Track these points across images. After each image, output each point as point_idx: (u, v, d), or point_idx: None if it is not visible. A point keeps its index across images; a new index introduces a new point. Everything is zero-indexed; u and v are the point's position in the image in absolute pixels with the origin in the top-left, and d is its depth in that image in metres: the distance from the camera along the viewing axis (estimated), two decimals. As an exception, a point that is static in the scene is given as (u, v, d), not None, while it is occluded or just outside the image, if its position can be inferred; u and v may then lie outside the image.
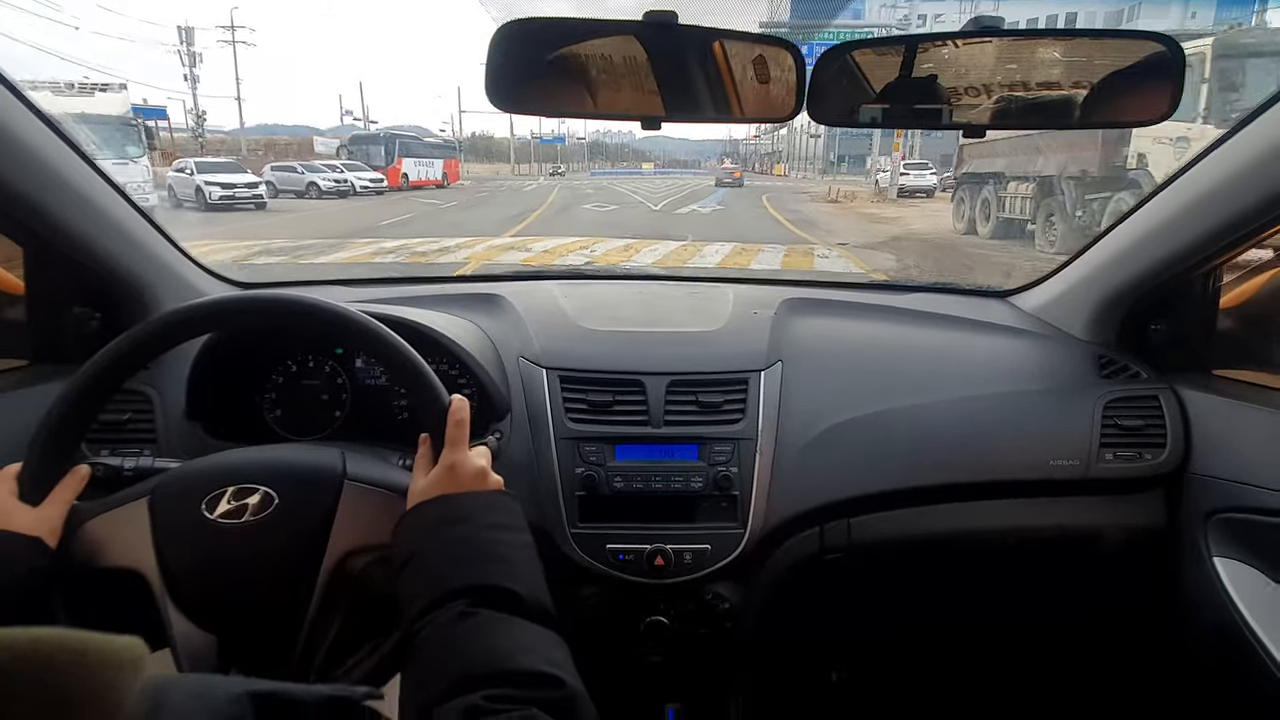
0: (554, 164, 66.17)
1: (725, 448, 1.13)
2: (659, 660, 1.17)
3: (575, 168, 77.16)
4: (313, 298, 0.81)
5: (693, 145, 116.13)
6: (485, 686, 0.55)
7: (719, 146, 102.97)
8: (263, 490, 0.75)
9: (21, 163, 0.99)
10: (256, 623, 0.75)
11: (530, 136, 73.97)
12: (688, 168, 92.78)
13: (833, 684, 1.53)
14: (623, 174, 66.41)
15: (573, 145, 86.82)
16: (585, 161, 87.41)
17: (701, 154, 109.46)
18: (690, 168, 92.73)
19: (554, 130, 74.36)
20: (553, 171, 58.77)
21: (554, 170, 60.41)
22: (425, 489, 0.74)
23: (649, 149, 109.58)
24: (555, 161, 69.40)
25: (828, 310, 1.48)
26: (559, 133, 75.63)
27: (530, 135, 73.55)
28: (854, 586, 1.31)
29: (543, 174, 56.97)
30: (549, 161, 69.66)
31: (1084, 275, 1.38)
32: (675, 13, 0.84)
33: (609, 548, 1.09)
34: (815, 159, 57.01)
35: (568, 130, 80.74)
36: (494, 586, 0.65)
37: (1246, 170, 1.02)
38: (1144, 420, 1.21)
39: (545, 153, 75.01)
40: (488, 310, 1.34)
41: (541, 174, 57.19)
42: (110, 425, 1.10)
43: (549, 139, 73.10)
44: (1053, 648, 1.45)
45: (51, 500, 0.74)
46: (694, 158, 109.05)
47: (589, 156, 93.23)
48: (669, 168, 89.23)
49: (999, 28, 0.89)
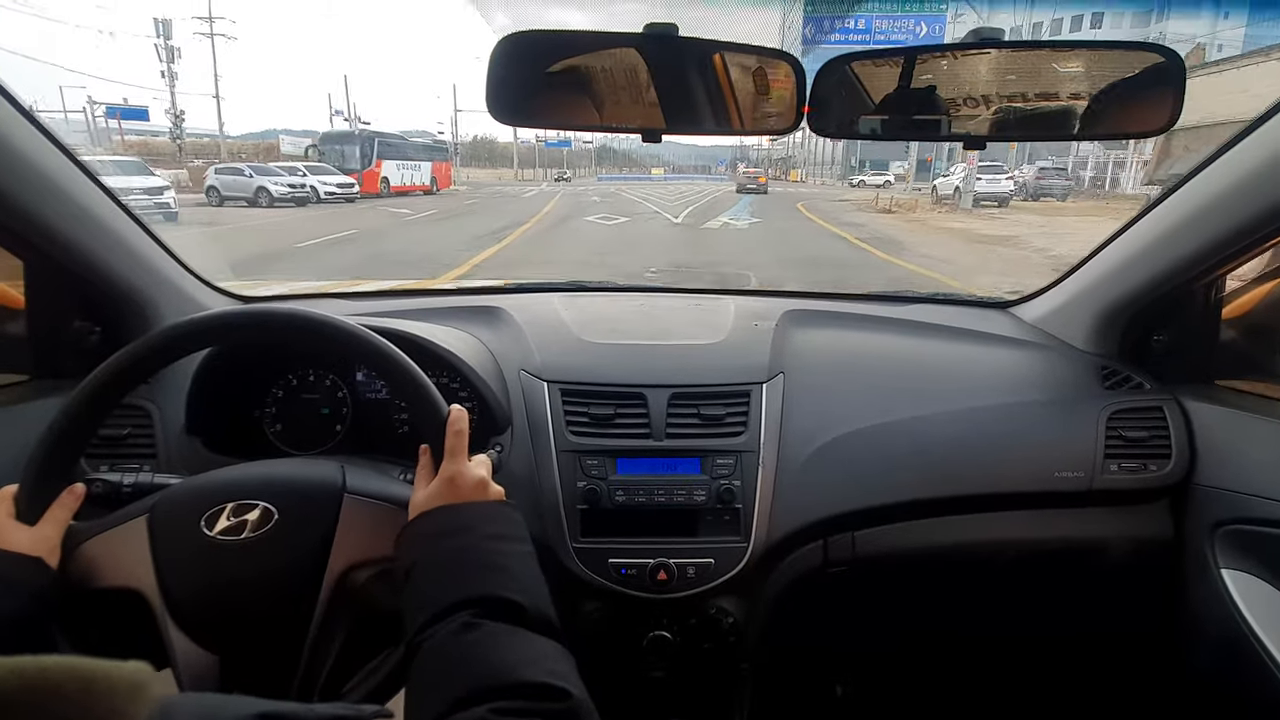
0: (559, 169, 62.87)
1: (728, 460, 1.13)
2: (662, 675, 1.15)
3: (582, 173, 74.11)
4: (313, 312, 0.80)
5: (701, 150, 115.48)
6: (492, 699, 0.54)
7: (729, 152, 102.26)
8: (262, 506, 0.75)
9: (21, 175, 0.99)
10: (258, 640, 0.74)
11: (535, 141, 69.44)
12: (698, 172, 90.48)
13: (837, 698, 1.52)
14: (631, 179, 63.96)
15: (579, 150, 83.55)
16: (592, 167, 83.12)
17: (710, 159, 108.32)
18: (701, 173, 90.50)
19: (559, 135, 71.32)
20: (558, 177, 55.89)
21: (559, 176, 57.35)
22: (426, 500, 0.73)
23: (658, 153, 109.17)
24: (561, 167, 65.94)
25: (829, 322, 1.48)
26: (564, 137, 72.10)
27: (535, 140, 68.24)
28: (858, 600, 1.30)
29: (547, 179, 54.09)
30: (555, 167, 66.20)
31: (1086, 286, 1.38)
32: (675, 25, 0.85)
33: (611, 562, 1.08)
34: (834, 164, 55.83)
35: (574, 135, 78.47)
36: (497, 598, 0.64)
37: (1248, 180, 1.02)
38: (1148, 431, 1.21)
39: (550, 158, 71.76)
40: (488, 323, 1.34)
41: (546, 179, 54.30)
42: (109, 440, 1.09)
43: (554, 144, 68.02)
44: (1058, 660, 1.43)
45: (48, 519, 0.74)
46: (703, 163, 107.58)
47: (596, 162, 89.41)
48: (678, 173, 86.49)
49: (998, 39, 0.89)
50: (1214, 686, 1.20)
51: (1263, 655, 1.04)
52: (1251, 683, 1.06)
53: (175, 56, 31.17)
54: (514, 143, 69.54)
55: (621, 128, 0.93)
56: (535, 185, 42.78)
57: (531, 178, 58.20)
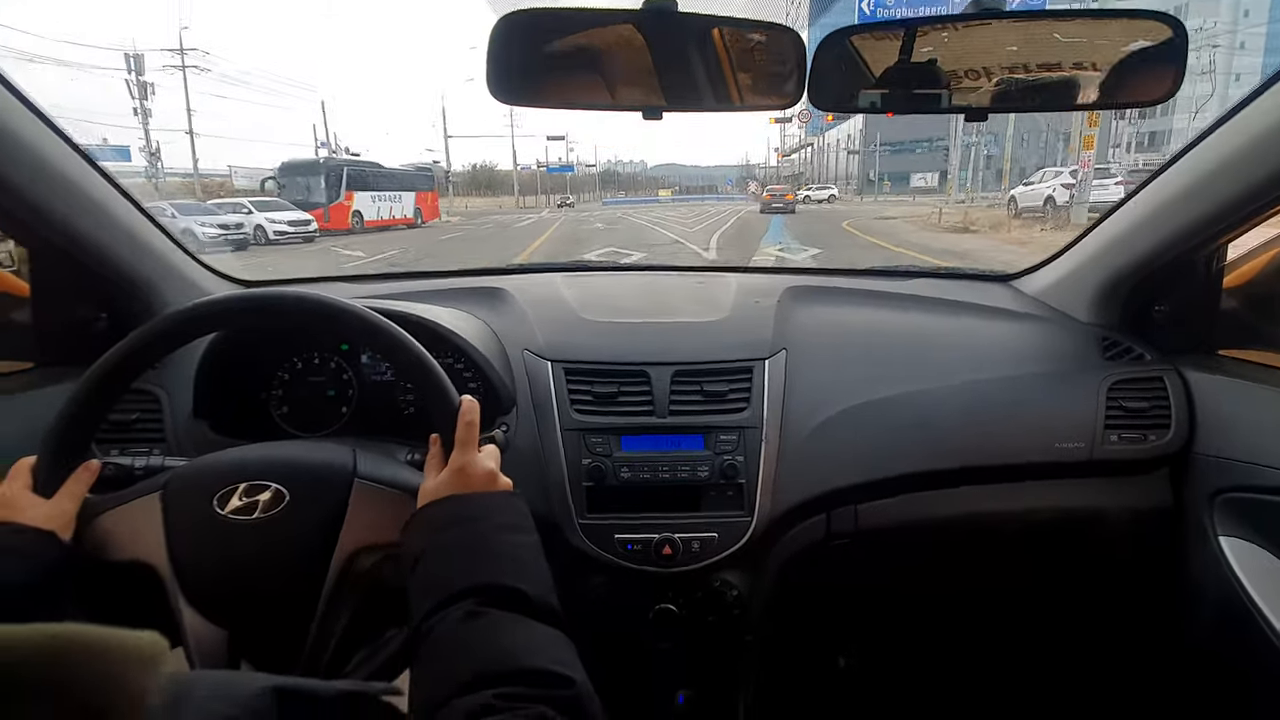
0: (562, 194, 61.74)
1: (731, 436, 1.14)
2: (668, 647, 1.17)
3: (586, 198, 71.84)
4: (320, 295, 0.81)
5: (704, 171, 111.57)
6: (497, 685, 0.55)
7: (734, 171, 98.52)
8: (274, 487, 0.76)
9: (25, 165, 1.00)
10: (266, 617, 0.76)
11: (536, 167, 68.45)
12: (704, 193, 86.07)
13: (840, 669, 1.54)
14: (639, 203, 61.59)
15: (583, 176, 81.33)
16: (597, 191, 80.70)
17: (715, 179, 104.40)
18: (708, 192, 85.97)
19: (561, 159, 69.54)
20: (560, 203, 54.76)
21: (561, 201, 56.19)
22: (435, 489, 0.74)
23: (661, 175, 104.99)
24: (564, 192, 64.59)
25: (831, 298, 1.48)
26: (567, 161, 70.65)
27: (536, 165, 67.91)
28: (861, 572, 1.32)
29: (549, 206, 52.88)
30: (558, 192, 64.54)
31: (1086, 257, 1.38)
32: (674, 0, 0.84)
33: (617, 538, 1.10)
34: (851, 178, 53.66)
35: (577, 159, 75.94)
36: (502, 586, 0.65)
37: (1248, 150, 1.01)
38: (1148, 401, 1.22)
39: (554, 183, 69.45)
40: (491, 304, 1.35)
41: (548, 206, 53.04)
42: (119, 425, 1.10)
43: (556, 169, 67.29)
44: (1059, 630, 1.45)
45: (64, 494, 0.75)
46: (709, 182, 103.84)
47: (600, 186, 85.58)
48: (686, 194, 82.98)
49: (999, 9, 0.88)
50: (1213, 654, 1.21)
51: (1261, 622, 1.06)
52: (1250, 650, 1.08)
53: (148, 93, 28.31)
54: (514, 170, 67.39)
55: (622, 106, 0.93)
56: (535, 213, 39.65)
57: (533, 204, 56.49)
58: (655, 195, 77.73)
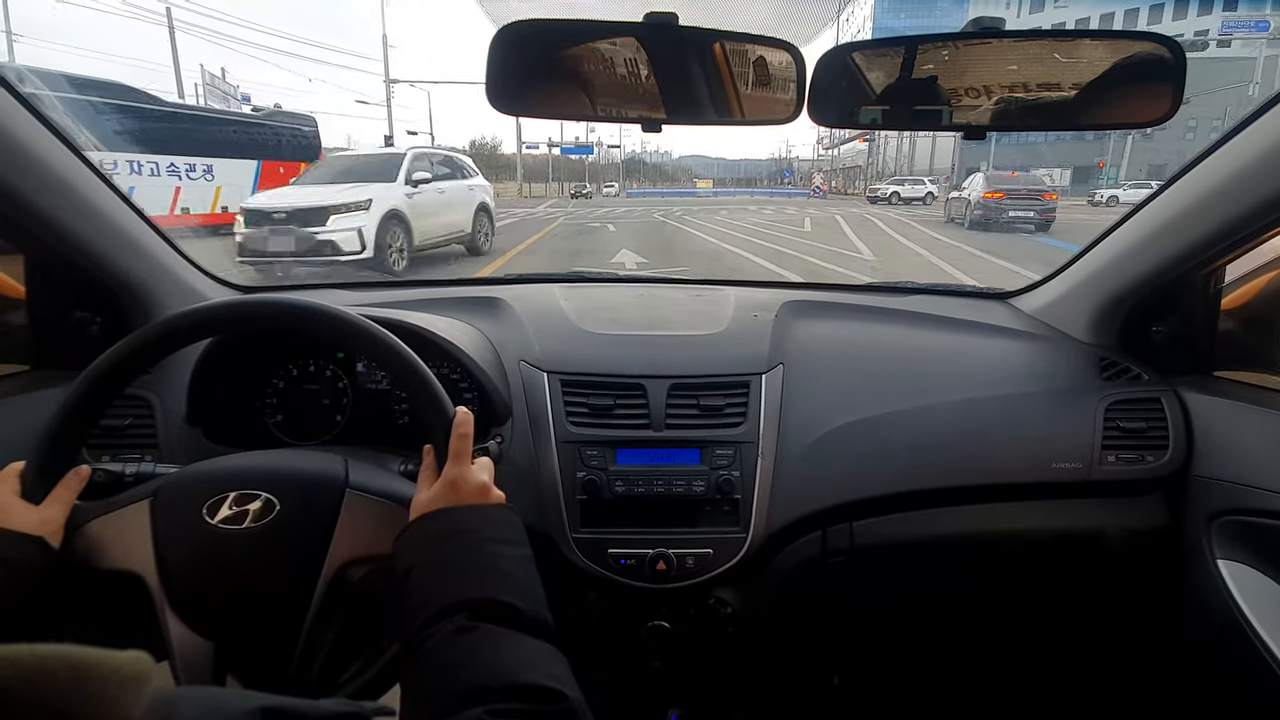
0: (578, 182, 48.52)
1: (727, 451, 1.13)
2: (661, 665, 1.16)
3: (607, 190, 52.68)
4: (316, 303, 0.80)
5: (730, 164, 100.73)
6: (488, 700, 0.55)
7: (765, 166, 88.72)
8: (265, 496, 0.75)
9: (22, 166, 0.99)
10: (254, 629, 0.74)
11: (548, 149, 52.02)
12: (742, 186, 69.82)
13: (835, 688, 1.53)
14: (670, 195, 48.64)
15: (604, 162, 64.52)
16: (620, 179, 60.42)
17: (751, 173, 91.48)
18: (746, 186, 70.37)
19: (577, 140, 49.69)
20: (575, 193, 42.65)
21: (576, 191, 43.79)
22: (428, 502, 0.74)
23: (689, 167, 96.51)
24: (581, 179, 51.74)
25: (829, 313, 1.48)
26: (585, 142, 51.36)
27: (549, 144, 49.65)
28: (856, 590, 1.31)
29: (561, 195, 43.01)
30: (576, 179, 51.94)
31: (1085, 277, 1.38)
32: (675, 14, 0.84)
33: (611, 552, 1.09)
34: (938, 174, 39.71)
35: (598, 139, 55.56)
36: (494, 600, 0.65)
37: (1247, 171, 1.02)
38: (1146, 422, 1.21)
39: (569, 168, 57.41)
40: (489, 313, 1.34)
41: (561, 194, 43.15)
42: (111, 431, 1.10)
43: (571, 149, 50.36)
44: (1055, 651, 1.44)
45: (53, 500, 0.74)
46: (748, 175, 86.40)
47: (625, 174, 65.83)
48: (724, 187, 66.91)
49: (999, 29, 0.89)
50: (1210, 677, 1.20)
51: (1258, 645, 1.05)
52: (1247, 673, 1.07)
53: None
54: (518, 150, 51.97)
55: (622, 118, 0.93)
56: (540, 203, 31.35)
57: (542, 193, 45.84)
58: (692, 187, 64.94)
